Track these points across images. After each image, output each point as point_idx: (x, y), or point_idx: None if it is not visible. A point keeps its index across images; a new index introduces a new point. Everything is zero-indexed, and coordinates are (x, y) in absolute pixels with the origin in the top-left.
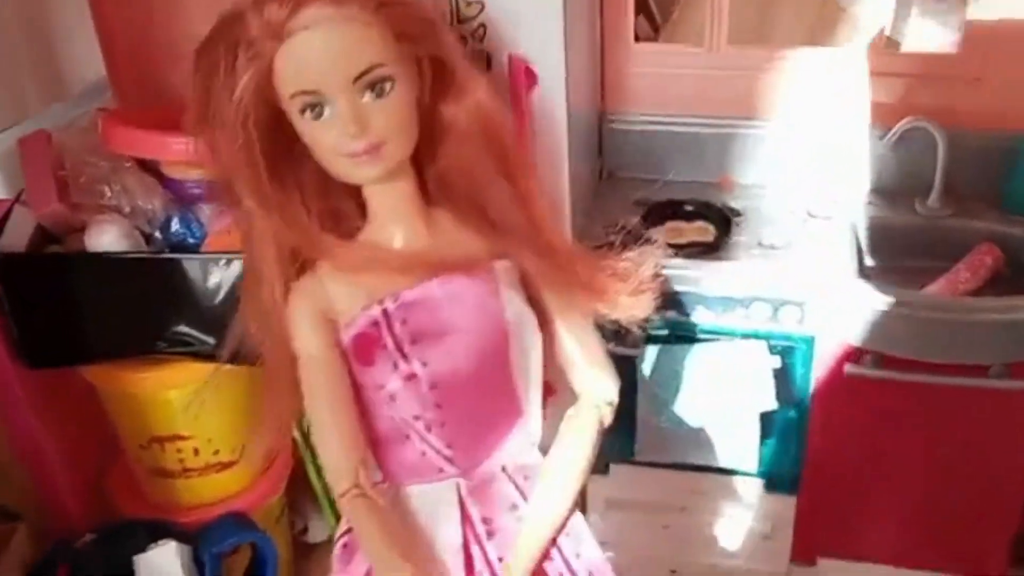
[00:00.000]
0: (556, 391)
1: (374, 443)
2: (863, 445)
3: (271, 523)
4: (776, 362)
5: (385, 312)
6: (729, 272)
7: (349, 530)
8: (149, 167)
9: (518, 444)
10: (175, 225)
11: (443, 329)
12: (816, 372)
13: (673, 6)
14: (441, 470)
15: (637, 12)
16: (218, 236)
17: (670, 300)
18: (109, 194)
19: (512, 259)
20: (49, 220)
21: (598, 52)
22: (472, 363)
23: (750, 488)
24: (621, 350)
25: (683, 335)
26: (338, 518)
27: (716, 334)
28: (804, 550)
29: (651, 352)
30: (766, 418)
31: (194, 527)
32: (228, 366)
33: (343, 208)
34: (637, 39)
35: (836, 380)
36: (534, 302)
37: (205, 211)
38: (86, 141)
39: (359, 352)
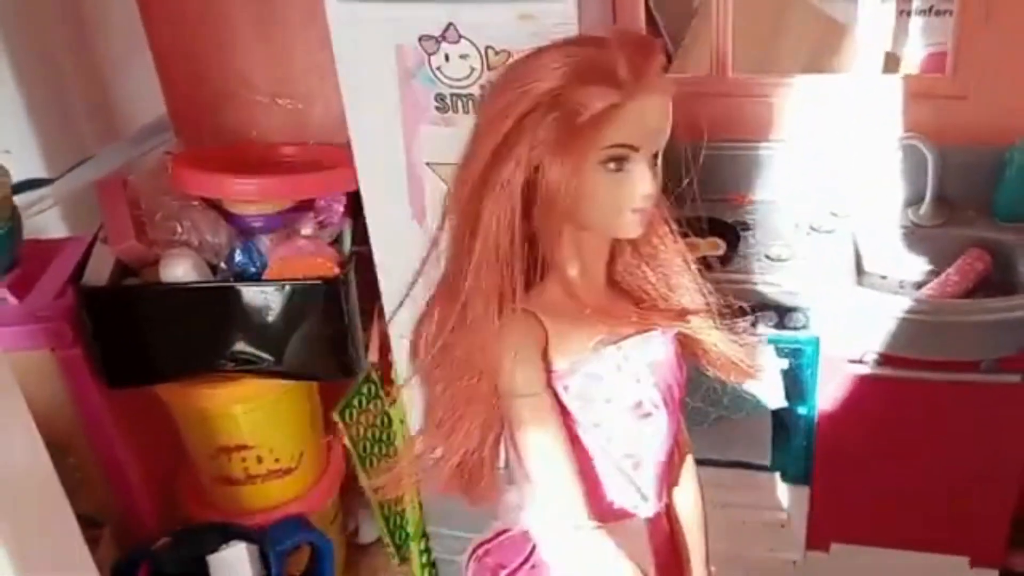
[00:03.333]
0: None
1: None
2: (869, 437)
3: (326, 525)
4: (784, 364)
5: (625, 354)
6: (739, 282)
7: (484, 542)
8: (213, 203)
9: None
10: (238, 256)
11: (664, 374)
12: (822, 372)
13: (684, 32)
14: (636, 507)
15: None
16: (276, 264)
17: None
18: (180, 230)
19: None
20: (127, 256)
21: None
22: (676, 406)
23: (766, 481)
24: None
25: None
26: (387, 521)
27: None
28: (818, 537)
29: None
30: (778, 415)
31: (259, 529)
32: (287, 382)
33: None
34: None
35: (840, 378)
36: None
37: (264, 242)
38: (157, 183)
39: (589, 391)
